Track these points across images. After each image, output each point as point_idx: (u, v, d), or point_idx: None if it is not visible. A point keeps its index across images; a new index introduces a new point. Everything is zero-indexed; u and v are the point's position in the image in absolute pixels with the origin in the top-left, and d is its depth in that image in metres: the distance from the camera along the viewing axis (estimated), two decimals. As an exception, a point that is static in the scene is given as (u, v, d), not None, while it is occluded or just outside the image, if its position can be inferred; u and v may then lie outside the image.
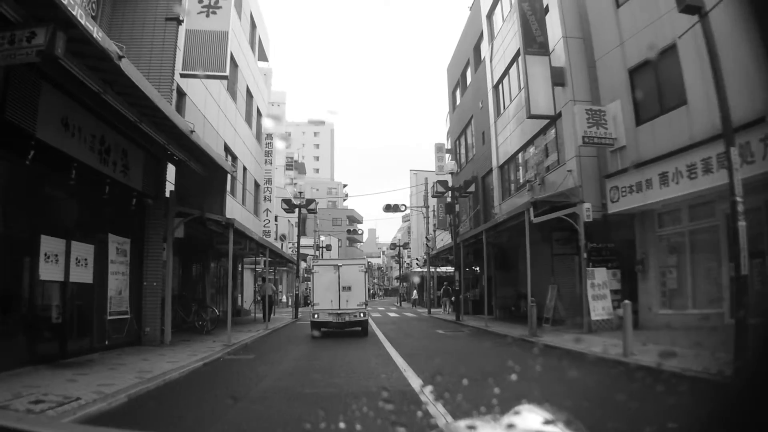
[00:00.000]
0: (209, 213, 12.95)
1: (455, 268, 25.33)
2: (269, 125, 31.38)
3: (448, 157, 34.46)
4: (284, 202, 27.72)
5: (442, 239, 38.57)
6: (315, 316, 16.32)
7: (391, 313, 33.11)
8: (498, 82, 24.00)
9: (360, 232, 66.18)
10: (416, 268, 49.83)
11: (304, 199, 27.43)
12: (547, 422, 1.40)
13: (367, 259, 35.72)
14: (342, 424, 1.71)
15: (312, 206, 29.21)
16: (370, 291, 74.58)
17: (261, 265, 28.07)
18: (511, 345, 12.60)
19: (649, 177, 13.99)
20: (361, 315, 16.38)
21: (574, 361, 9.54)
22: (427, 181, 36.69)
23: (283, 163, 48.42)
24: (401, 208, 34.07)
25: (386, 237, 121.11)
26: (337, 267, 16.99)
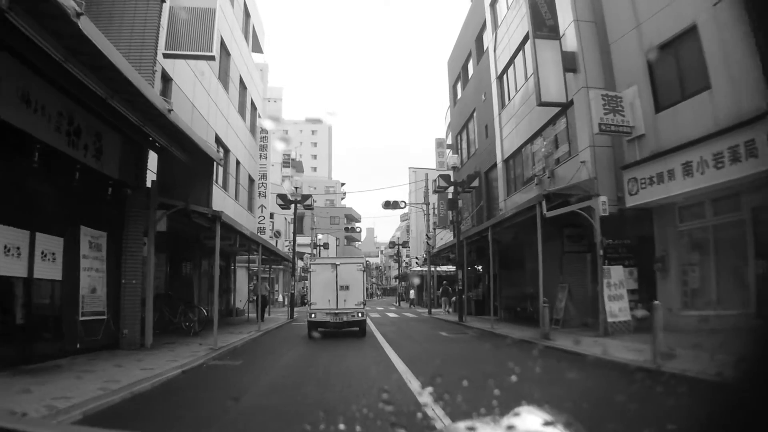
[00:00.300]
0: (194, 205, 11.88)
1: (457, 267, 24.26)
2: (268, 125, 30.39)
3: (448, 153, 33.38)
4: (279, 198, 26.60)
5: (442, 238, 37.63)
6: (312, 316, 15.99)
7: (390, 314, 32.06)
8: (502, 73, 22.96)
9: (358, 229, 65.08)
10: (416, 267, 48.75)
11: (300, 195, 26.30)
12: None
13: (366, 259, 34.71)
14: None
15: (308, 202, 28.10)
16: (369, 290, 73.74)
17: (255, 263, 27.10)
18: (524, 350, 11.42)
19: (672, 167, 13.00)
20: (359, 315, 16.05)
21: (598, 369, 8.51)
22: (427, 177, 35.62)
23: (280, 160, 47.38)
24: (401, 204, 33.00)
25: (384, 236, 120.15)
26: (335, 266, 16.64)
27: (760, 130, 10.54)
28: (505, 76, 22.78)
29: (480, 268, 28.09)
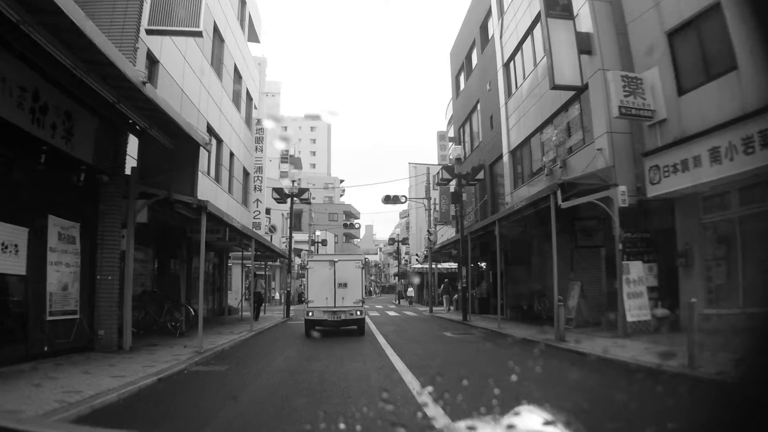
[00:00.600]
0: (178, 194, 10.83)
1: (460, 263, 23.24)
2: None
3: (451, 146, 32.30)
4: (275, 191, 25.50)
5: (442, 235, 36.63)
6: (309, 314, 15.49)
7: (390, 312, 31.04)
8: (509, 60, 21.91)
9: (357, 226, 64.01)
10: (416, 265, 47.71)
11: (297, 189, 25.19)
12: None
13: (365, 256, 33.68)
14: None
15: (305, 196, 27.00)
16: (368, 288, 72.69)
17: (251, 260, 26.08)
18: (544, 354, 10.20)
19: (697, 153, 12.00)
20: (358, 313, 15.60)
21: (631, 376, 7.42)
22: (428, 171, 34.56)
23: (278, 155, 46.32)
24: (401, 199, 31.95)
25: (383, 234, 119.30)
26: (333, 262, 16.08)
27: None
28: (512, 64, 21.73)
29: (483, 264, 27.07)
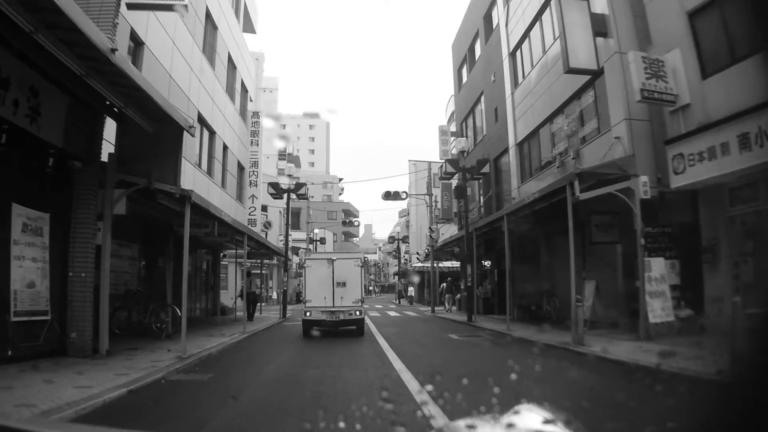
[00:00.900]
0: (159, 182, 9.84)
1: (463, 261, 22.27)
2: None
3: (452, 141, 31.31)
4: (271, 186, 24.45)
5: (443, 233, 35.68)
6: (307, 314, 15.07)
7: (391, 312, 30.04)
8: (516, 48, 20.94)
9: (356, 223, 62.99)
10: (416, 263, 46.70)
11: (293, 183, 24.16)
12: None
13: (364, 255, 32.69)
14: None
15: (302, 191, 25.95)
16: (368, 287, 71.69)
17: (245, 257, 25.09)
18: (569, 361, 9.06)
19: (725, 140, 11.04)
20: (357, 313, 15.14)
21: (676, 386, 6.46)
22: (430, 166, 33.54)
23: (275, 152, 45.32)
24: (402, 195, 30.95)
25: (382, 233, 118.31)
26: (331, 261, 15.54)
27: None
28: (518, 52, 20.76)
29: (488, 263, 26.09)
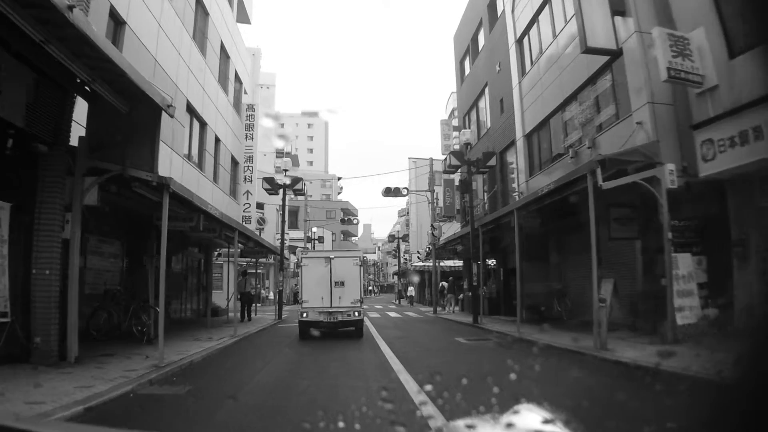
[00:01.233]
0: (134, 169, 8.80)
1: (471, 259, 21.26)
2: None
3: (455, 134, 30.24)
4: (266, 182, 23.39)
5: (444, 232, 34.64)
6: (304, 315, 14.54)
7: (391, 313, 28.99)
8: (522, 35, 19.92)
9: (355, 221, 61.95)
10: (417, 263, 45.67)
11: (289, 178, 23.08)
12: None
13: (363, 254, 31.69)
14: None
15: (299, 186, 24.89)
16: (368, 287, 70.58)
17: (244, 257, 24.11)
18: (606, 373, 8.02)
19: (757, 123, 10.05)
20: (356, 314, 14.61)
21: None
22: (432, 162, 32.51)
23: (272, 150, 44.29)
24: (402, 191, 29.93)
25: (381, 233, 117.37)
26: (329, 260, 14.96)
27: None
28: (526, 39, 19.74)
29: (492, 261, 25.04)
